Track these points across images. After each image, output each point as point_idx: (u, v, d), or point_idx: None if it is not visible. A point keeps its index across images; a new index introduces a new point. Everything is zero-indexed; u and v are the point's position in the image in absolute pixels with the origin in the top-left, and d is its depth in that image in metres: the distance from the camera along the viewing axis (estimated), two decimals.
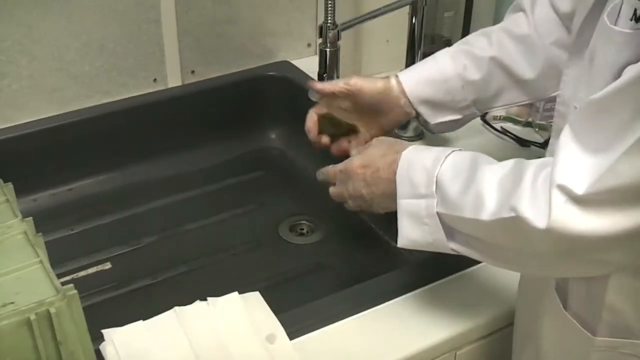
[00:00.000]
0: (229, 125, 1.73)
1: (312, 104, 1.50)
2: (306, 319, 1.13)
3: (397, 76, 1.28)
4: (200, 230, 1.53)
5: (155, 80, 1.68)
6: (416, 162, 1.04)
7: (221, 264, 1.42)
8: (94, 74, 1.62)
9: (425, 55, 1.54)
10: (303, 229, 1.54)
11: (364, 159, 1.13)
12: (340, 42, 1.46)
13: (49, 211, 1.50)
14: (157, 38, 1.65)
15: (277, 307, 1.13)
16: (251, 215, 1.59)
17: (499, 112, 1.57)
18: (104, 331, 1.08)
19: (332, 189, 1.22)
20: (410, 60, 1.49)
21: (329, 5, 1.39)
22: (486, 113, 1.50)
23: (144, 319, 1.17)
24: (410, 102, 1.27)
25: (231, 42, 1.74)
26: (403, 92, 1.26)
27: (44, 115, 1.60)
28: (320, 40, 1.43)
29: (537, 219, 0.84)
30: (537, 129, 1.58)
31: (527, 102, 1.30)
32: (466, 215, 0.94)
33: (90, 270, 1.42)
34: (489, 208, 0.91)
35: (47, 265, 0.98)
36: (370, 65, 1.75)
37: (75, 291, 0.90)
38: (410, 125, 1.52)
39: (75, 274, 1.40)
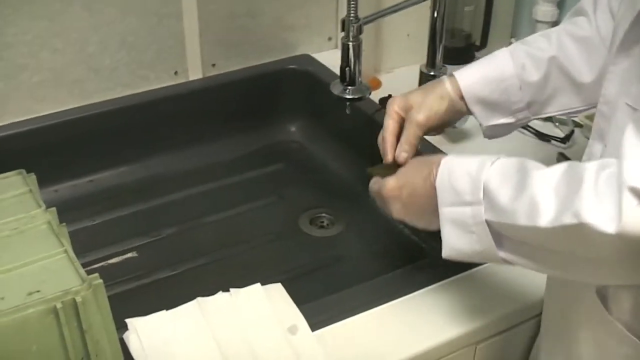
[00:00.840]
0: (249, 118, 1.74)
1: (332, 98, 1.50)
2: (327, 311, 1.13)
3: (452, 75, 1.22)
4: (221, 222, 1.54)
5: (176, 73, 1.68)
6: (458, 169, 1.00)
7: (241, 256, 1.43)
8: (114, 66, 1.63)
9: (446, 49, 1.54)
10: (323, 222, 1.54)
11: (398, 179, 1.09)
12: (362, 36, 1.46)
13: (70, 202, 1.52)
14: (178, 31, 1.65)
15: (298, 299, 1.14)
16: (271, 207, 1.59)
17: None
18: (127, 320, 1.09)
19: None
20: (431, 54, 1.48)
21: None
22: None
23: (165, 310, 1.18)
24: (465, 101, 1.21)
25: (252, 36, 1.74)
26: (459, 93, 1.20)
27: (64, 108, 1.61)
28: (342, 34, 1.43)
29: (605, 224, 0.80)
30: (557, 124, 1.58)
31: (580, 109, 1.22)
32: (521, 222, 0.90)
33: (112, 261, 1.43)
34: (548, 214, 0.86)
35: (72, 254, 0.99)
36: (390, 59, 1.75)
37: (101, 280, 0.91)
38: None
39: (96, 265, 1.41)
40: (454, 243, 1.00)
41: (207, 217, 1.55)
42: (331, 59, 1.73)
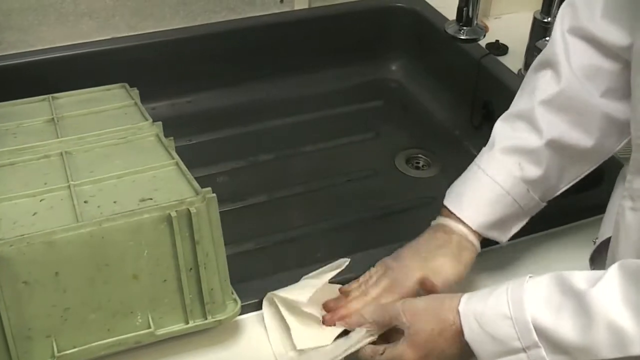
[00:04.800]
0: (350, 52, 1.72)
1: (437, 39, 1.47)
2: None
3: (454, 217, 1.04)
4: (317, 153, 1.54)
5: (281, 1, 1.67)
6: (489, 313, 0.85)
7: (336, 188, 1.43)
8: None
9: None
10: (419, 163, 1.53)
11: (417, 348, 0.90)
12: None
13: (167, 121, 1.51)
14: None
15: (388, 236, 1.12)
16: (368, 143, 1.59)
17: None
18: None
19: None
20: (548, 2, 1.44)
21: None
22: None
23: (257, 236, 1.18)
24: (478, 234, 1.04)
25: None
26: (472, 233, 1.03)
27: (169, 27, 1.61)
28: None
29: None
30: None
31: (590, 170, 1.07)
32: (604, 356, 0.76)
33: (206, 182, 1.44)
34: (637, 337, 0.75)
35: (183, 166, 1.00)
36: (499, 4, 1.70)
37: (214, 195, 0.92)
38: None
39: None
40: None
41: (304, 146, 1.55)
42: (438, 1, 1.71)
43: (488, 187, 1.03)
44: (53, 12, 1.51)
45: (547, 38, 1.44)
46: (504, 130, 1.06)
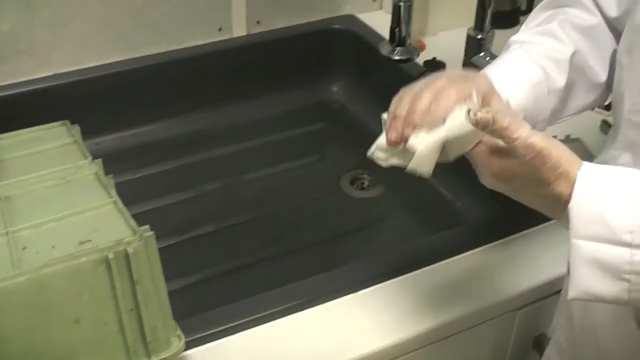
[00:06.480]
0: (292, 76, 1.73)
1: (375, 59, 1.49)
2: (372, 270, 1.12)
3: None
4: (263, 179, 1.54)
5: (220, 29, 1.68)
6: (607, 191, 0.74)
7: (283, 214, 1.43)
8: (160, 21, 1.62)
9: (495, 15, 1.51)
10: (364, 183, 1.54)
11: (510, 178, 0.79)
12: None
13: (112, 155, 1.52)
14: None
15: (335, 260, 1.13)
16: (313, 166, 1.60)
17: None
18: None
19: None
20: (480, 17, 1.46)
21: None
22: None
23: (205, 267, 1.16)
24: None
25: None
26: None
27: (109, 60, 1.61)
28: None
29: None
30: None
31: (586, 109, 1.05)
32: None
33: (152, 215, 1.44)
34: None
35: (121, 205, 1.00)
36: (435, 22, 1.73)
37: (152, 233, 0.92)
38: None
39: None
40: (592, 287, 0.75)
41: (249, 174, 1.55)
42: (375, 20, 1.73)
43: (522, 70, 0.96)
44: None
45: (482, 54, 1.47)
46: (530, 38, 1.01)
